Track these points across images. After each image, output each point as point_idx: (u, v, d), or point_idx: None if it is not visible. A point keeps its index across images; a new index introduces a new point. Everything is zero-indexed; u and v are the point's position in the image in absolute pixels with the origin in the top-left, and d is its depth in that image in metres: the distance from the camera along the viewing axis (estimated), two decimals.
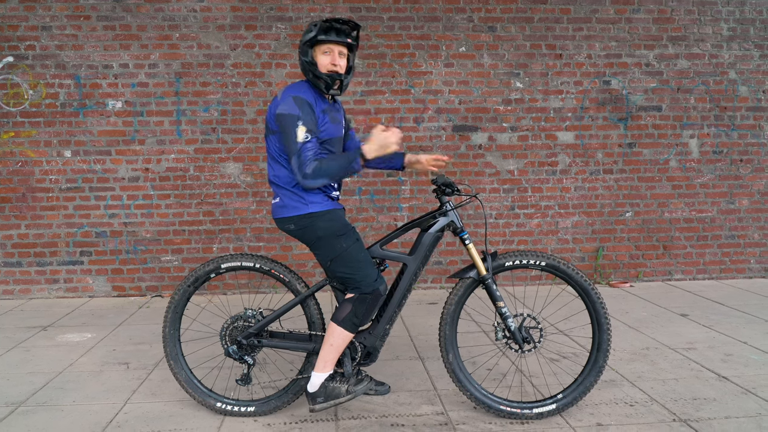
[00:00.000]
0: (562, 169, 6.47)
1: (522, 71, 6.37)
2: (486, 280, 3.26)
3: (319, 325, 3.33)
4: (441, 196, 3.33)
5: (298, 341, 3.37)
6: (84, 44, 6.00)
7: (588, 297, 3.28)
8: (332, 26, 3.02)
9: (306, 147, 2.94)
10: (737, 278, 6.68)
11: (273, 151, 3.14)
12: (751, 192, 6.67)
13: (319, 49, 3.05)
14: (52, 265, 6.14)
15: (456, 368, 3.33)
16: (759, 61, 6.58)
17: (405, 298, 3.33)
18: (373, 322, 3.33)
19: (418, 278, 3.35)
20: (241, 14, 6.09)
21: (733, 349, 4.38)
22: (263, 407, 3.36)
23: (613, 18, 6.41)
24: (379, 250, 3.30)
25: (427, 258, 3.33)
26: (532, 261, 3.30)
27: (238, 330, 3.33)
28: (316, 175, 2.93)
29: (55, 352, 4.54)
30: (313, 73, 3.06)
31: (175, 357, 3.40)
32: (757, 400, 3.49)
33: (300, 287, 3.33)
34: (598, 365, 3.29)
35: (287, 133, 2.97)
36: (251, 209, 6.22)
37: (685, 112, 6.55)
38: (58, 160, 6.06)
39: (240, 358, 3.32)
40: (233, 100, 6.14)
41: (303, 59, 3.07)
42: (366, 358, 3.33)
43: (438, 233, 3.32)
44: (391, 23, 6.21)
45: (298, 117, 2.96)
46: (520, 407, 3.30)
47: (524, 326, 3.28)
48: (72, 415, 3.44)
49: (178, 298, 3.37)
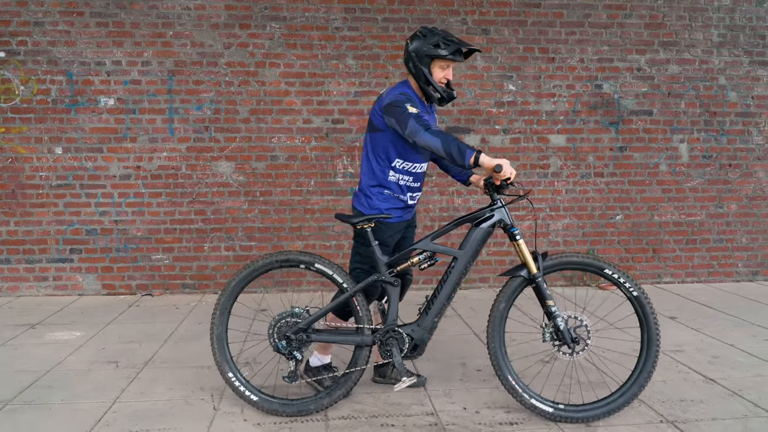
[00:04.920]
0: (553, 172, 6.50)
1: (515, 74, 6.40)
2: (537, 278, 3.28)
3: (366, 319, 3.38)
4: (492, 193, 3.36)
5: (346, 335, 3.43)
6: (77, 40, 5.98)
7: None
8: (459, 49, 3.33)
9: (421, 114, 3.23)
10: (725, 281, 6.73)
11: (370, 148, 3.49)
12: (740, 196, 6.72)
13: (437, 63, 3.35)
14: (42, 262, 6.11)
15: (517, 389, 3.29)
16: (748, 68, 6.64)
17: (454, 291, 3.37)
18: (422, 314, 3.39)
19: (467, 273, 3.40)
20: (236, 13, 6.09)
21: (721, 352, 4.41)
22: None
23: (606, 23, 6.45)
24: (430, 244, 3.36)
25: (477, 253, 3.37)
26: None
27: (287, 326, 3.36)
28: (435, 134, 3.12)
29: (44, 350, 4.52)
30: (429, 82, 3.36)
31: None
32: (743, 402, 3.52)
33: (346, 283, 3.38)
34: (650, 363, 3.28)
35: (399, 113, 3.23)
36: (243, 208, 6.22)
37: (676, 117, 6.60)
38: (49, 156, 6.04)
39: (289, 353, 3.36)
40: (226, 99, 6.13)
41: (420, 67, 3.34)
42: (413, 350, 3.38)
43: (489, 229, 3.35)
44: (385, 24, 6.22)
45: (405, 100, 3.27)
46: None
47: (570, 327, 3.27)
48: (60, 414, 3.43)
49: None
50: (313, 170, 6.25)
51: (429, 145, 3.12)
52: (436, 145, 3.10)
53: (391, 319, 3.36)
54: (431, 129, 3.15)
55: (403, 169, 3.47)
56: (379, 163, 3.47)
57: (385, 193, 3.49)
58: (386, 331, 3.34)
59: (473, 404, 3.54)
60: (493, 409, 3.47)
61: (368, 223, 3.37)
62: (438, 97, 3.39)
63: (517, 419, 3.34)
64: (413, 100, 3.35)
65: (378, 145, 3.46)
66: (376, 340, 3.34)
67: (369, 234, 3.37)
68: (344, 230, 6.28)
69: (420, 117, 3.20)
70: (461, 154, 3.06)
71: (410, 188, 3.52)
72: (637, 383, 3.29)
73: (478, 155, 3.05)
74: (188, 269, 6.22)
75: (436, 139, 3.10)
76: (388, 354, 3.33)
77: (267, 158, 6.20)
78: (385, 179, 3.47)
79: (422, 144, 3.15)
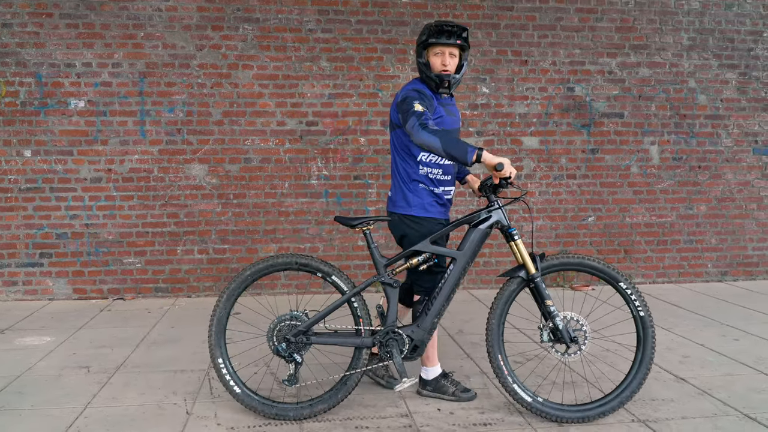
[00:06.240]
0: (527, 174, 6.55)
1: (488, 77, 6.44)
2: (535, 279, 3.29)
3: (366, 321, 3.38)
4: (490, 194, 3.38)
5: (346, 337, 3.41)
6: (46, 42, 5.90)
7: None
8: (443, 29, 3.33)
9: (426, 113, 3.22)
10: (695, 282, 6.83)
11: (394, 146, 3.54)
12: (709, 198, 6.83)
13: (432, 51, 3.39)
14: (11, 267, 6.01)
15: (503, 370, 3.31)
16: (717, 71, 6.75)
17: (453, 292, 3.38)
18: (421, 315, 3.39)
19: (466, 273, 3.42)
20: (208, 14, 6.05)
21: (691, 351, 4.48)
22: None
23: (577, 26, 6.52)
24: (429, 245, 3.35)
25: (475, 254, 3.39)
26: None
27: (286, 329, 3.34)
28: (433, 134, 3.12)
29: (13, 355, 4.44)
30: (425, 73, 3.41)
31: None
32: (713, 401, 3.58)
33: (346, 286, 3.37)
34: (645, 362, 3.32)
35: (405, 109, 3.27)
36: (216, 211, 6.17)
37: (646, 120, 6.68)
38: (18, 159, 5.94)
39: (289, 356, 3.33)
40: (199, 101, 6.09)
41: (418, 60, 3.44)
42: (413, 351, 3.38)
43: (486, 230, 3.38)
44: (359, 26, 6.23)
45: (415, 97, 3.30)
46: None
47: (569, 327, 3.30)
48: (30, 420, 3.37)
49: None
50: (287, 173, 6.23)
51: (426, 143, 3.13)
52: (435, 145, 3.10)
53: (390, 321, 3.37)
54: (428, 128, 3.14)
55: (430, 162, 3.46)
56: (406, 160, 3.49)
57: (420, 188, 3.49)
58: (386, 332, 3.35)
59: (447, 405, 3.55)
60: (467, 410, 3.48)
61: (367, 225, 3.37)
62: (433, 84, 3.42)
63: (490, 420, 3.35)
64: (425, 94, 3.37)
65: (400, 141, 3.49)
66: (376, 342, 3.35)
67: (369, 236, 3.38)
68: (318, 233, 6.27)
69: (422, 114, 3.19)
70: (463, 152, 3.07)
71: (441, 182, 3.51)
72: (619, 398, 3.32)
73: (480, 152, 3.06)
74: (161, 273, 6.16)
75: (434, 138, 3.10)
76: (388, 355, 3.34)
77: (240, 161, 6.17)
78: (417, 173, 3.48)
79: (418, 143, 3.17)
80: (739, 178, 6.85)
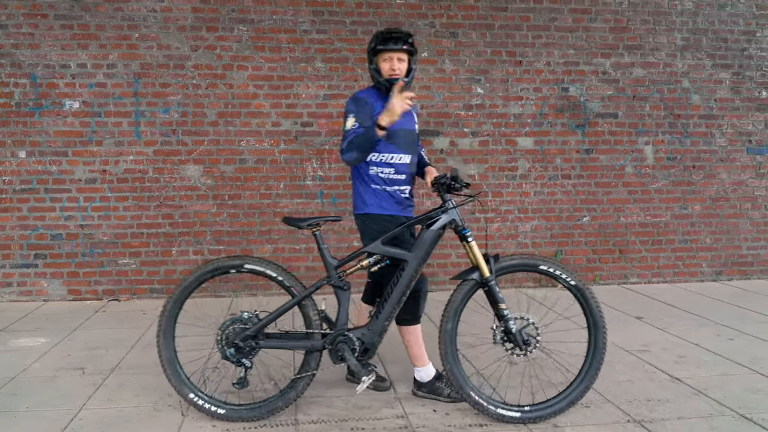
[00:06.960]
0: (521, 174, 6.56)
1: (483, 77, 6.45)
2: (489, 282, 3.28)
3: (317, 324, 3.34)
4: (443, 193, 3.38)
5: (297, 340, 3.38)
6: (41, 43, 5.88)
7: (585, 299, 3.32)
8: (390, 36, 3.45)
9: (350, 131, 3.34)
10: (690, 281, 6.85)
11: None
12: (703, 198, 6.85)
13: (381, 58, 3.47)
14: (5, 268, 5.99)
15: (456, 374, 3.31)
16: (711, 70, 6.77)
17: (404, 295, 3.34)
18: (372, 318, 3.37)
19: (418, 275, 3.37)
20: (203, 15, 6.04)
21: (686, 351, 4.49)
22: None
23: (571, 26, 6.53)
24: (380, 247, 3.33)
25: (427, 255, 3.36)
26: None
27: (235, 333, 3.29)
28: (348, 149, 3.32)
29: (8, 357, 4.43)
30: (377, 78, 3.49)
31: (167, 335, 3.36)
32: (708, 401, 3.59)
33: (297, 288, 3.33)
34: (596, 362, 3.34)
35: (343, 124, 3.43)
36: (211, 212, 6.17)
37: (641, 120, 6.70)
38: (12, 160, 5.93)
39: (238, 361, 3.29)
40: (194, 102, 6.08)
41: (369, 67, 3.54)
42: (364, 353, 3.36)
43: (439, 230, 3.36)
44: (353, 27, 6.23)
45: (350, 111, 3.44)
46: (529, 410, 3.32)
47: (524, 330, 3.29)
48: (25, 422, 3.37)
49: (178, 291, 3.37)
50: (282, 173, 6.23)
51: (351, 160, 3.36)
52: (355, 155, 3.31)
53: (341, 324, 3.33)
54: (345, 146, 3.32)
55: (381, 162, 3.48)
56: None
57: (373, 188, 3.51)
58: (336, 336, 3.31)
59: (443, 407, 3.55)
60: (463, 411, 3.48)
61: (316, 226, 3.36)
62: (383, 88, 3.47)
63: (487, 421, 3.35)
64: (362, 101, 3.47)
65: None
66: (326, 345, 3.31)
67: (319, 237, 3.37)
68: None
69: (346, 135, 3.36)
70: (368, 138, 3.25)
71: (394, 181, 3.51)
72: (587, 378, 3.35)
73: (377, 121, 3.22)
74: (156, 274, 6.15)
75: (352, 151, 3.31)
76: (339, 358, 3.30)
77: (235, 161, 6.16)
78: (368, 173, 3.51)
79: (346, 161, 3.41)
80: (734, 177, 6.87)
